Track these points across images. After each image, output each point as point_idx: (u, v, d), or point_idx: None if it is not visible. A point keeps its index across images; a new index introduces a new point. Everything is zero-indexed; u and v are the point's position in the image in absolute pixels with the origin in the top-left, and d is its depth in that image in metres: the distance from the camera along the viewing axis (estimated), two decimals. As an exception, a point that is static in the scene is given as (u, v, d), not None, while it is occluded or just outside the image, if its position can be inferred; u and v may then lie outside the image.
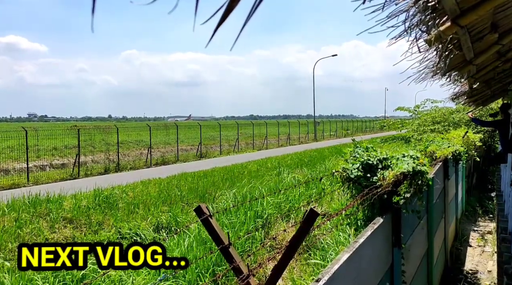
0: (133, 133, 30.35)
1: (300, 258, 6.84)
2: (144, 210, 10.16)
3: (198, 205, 2.40)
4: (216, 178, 14.30)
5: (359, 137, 9.43)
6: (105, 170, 20.84)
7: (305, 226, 2.06)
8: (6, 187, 15.80)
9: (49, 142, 23.80)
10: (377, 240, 3.66)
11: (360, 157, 4.31)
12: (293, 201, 10.32)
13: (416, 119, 20.50)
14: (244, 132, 37.97)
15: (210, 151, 30.19)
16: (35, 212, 9.40)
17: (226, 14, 0.75)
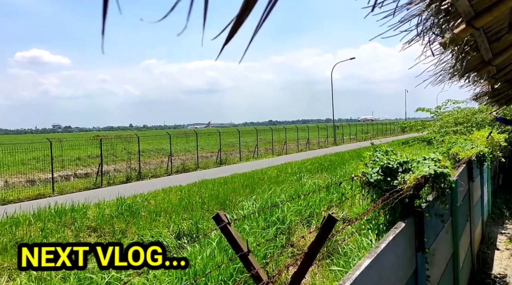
0: (153, 142, 30.79)
1: (322, 264, 6.78)
2: (166, 217, 10.27)
3: (217, 213, 2.42)
4: (236, 184, 14.34)
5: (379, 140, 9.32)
6: (127, 179, 21.19)
7: (324, 232, 2.05)
8: (32, 197, 16.24)
9: (73, 152, 24.41)
10: (399, 244, 3.60)
11: (379, 160, 4.26)
12: (314, 206, 10.26)
13: (438, 120, 20.10)
14: (263, 138, 38.00)
15: (230, 157, 30.32)
16: (60, 222, 9.63)
17: (234, 29, 0.77)
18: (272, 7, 0.77)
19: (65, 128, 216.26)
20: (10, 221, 9.54)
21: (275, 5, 0.77)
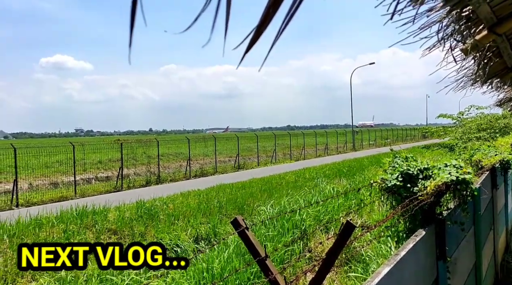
0: (172, 146, 31.14)
1: (340, 271, 6.72)
2: (184, 221, 10.36)
3: (235, 218, 2.44)
4: (254, 189, 14.36)
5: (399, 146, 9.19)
6: (147, 182, 21.47)
7: (342, 239, 2.05)
8: (55, 199, 16.64)
9: (95, 156, 24.92)
10: (419, 252, 3.54)
11: (399, 167, 4.20)
12: (332, 212, 10.17)
13: (460, 127, 19.70)
14: (281, 143, 37.95)
15: (248, 162, 30.37)
16: (82, 224, 9.82)
17: (255, 39, 0.79)
18: (291, 17, 0.78)
19: (87, 132, 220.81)
20: (34, 222, 9.78)
21: (294, 15, 0.78)
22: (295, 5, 0.77)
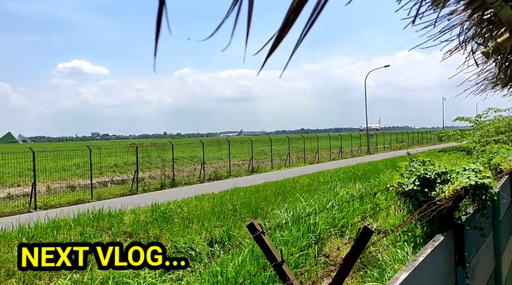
0: (187, 149, 31.34)
1: (355, 276, 6.64)
2: (198, 224, 10.40)
3: (251, 222, 2.43)
4: (268, 192, 14.33)
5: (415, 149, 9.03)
6: (161, 186, 21.64)
7: (359, 244, 2.03)
8: (72, 202, 16.89)
9: (110, 159, 25.26)
10: (438, 258, 3.48)
11: (416, 171, 4.15)
12: (347, 216, 10.08)
13: (478, 130, 19.32)
14: (295, 146, 37.85)
15: (262, 165, 30.36)
16: (98, 226, 9.94)
17: (276, 44, 0.79)
18: (313, 23, 0.78)
19: (103, 136, 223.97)
20: (52, 225, 9.94)
21: (316, 20, 0.78)
22: (316, 10, 0.77)
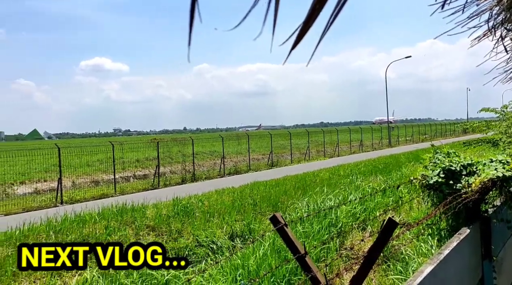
0: (207, 144, 31.59)
1: (378, 269, 6.59)
2: (219, 218, 10.49)
3: (273, 214, 2.44)
4: (288, 186, 14.32)
5: (439, 141, 8.79)
6: (182, 180, 21.89)
7: (383, 237, 2.01)
8: (96, 197, 17.29)
9: (132, 154, 25.70)
10: (463, 251, 3.42)
11: (440, 163, 4.07)
12: (369, 209, 9.99)
13: (504, 120, 18.73)
14: (314, 140, 37.64)
15: (281, 159, 30.33)
16: (122, 220, 10.15)
17: (301, 35, 0.79)
18: (339, 12, 0.78)
19: (124, 132, 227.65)
20: (78, 219, 10.21)
21: (342, 10, 0.78)
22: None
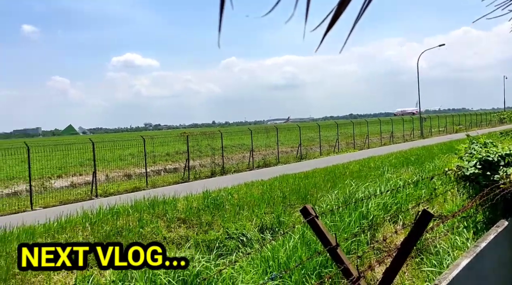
0: (235, 138, 31.78)
1: (411, 262, 6.47)
2: (249, 211, 10.56)
3: (304, 206, 2.43)
4: (317, 179, 14.23)
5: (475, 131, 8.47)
6: (212, 174, 22.17)
7: (417, 229, 1.96)
8: (129, 190, 17.79)
9: (163, 148, 26.23)
10: (502, 244, 3.30)
11: (477, 153, 3.93)
12: (401, 202, 9.79)
13: (545, 108, 17.84)
14: (344, 132, 37.16)
15: (310, 152, 30.15)
16: (154, 213, 10.40)
17: (334, 20, 0.77)
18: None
19: (155, 126, 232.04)
20: (112, 211, 10.53)
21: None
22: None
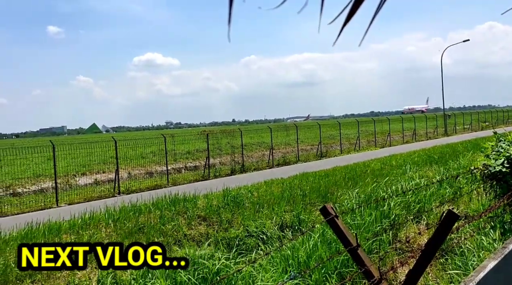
0: (255, 135, 31.80)
1: (435, 263, 6.32)
2: (269, 209, 10.54)
3: (323, 205, 2.39)
4: (337, 177, 14.08)
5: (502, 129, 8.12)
6: (231, 172, 22.24)
7: (442, 230, 1.89)
8: (151, 187, 18.04)
9: (183, 146, 26.49)
10: (531, 247, 3.17)
11: (504, 151, 3.79)
12: (424, 201, 9.57)
13: None
14: (364, 130, 36.68)
15: (330, 150, 29.89)
16: (175, 210, 10.50)
17: (352, 12, 0.74)
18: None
19: (176, 124, 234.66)
20: (134, 208, 10.70)
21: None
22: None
